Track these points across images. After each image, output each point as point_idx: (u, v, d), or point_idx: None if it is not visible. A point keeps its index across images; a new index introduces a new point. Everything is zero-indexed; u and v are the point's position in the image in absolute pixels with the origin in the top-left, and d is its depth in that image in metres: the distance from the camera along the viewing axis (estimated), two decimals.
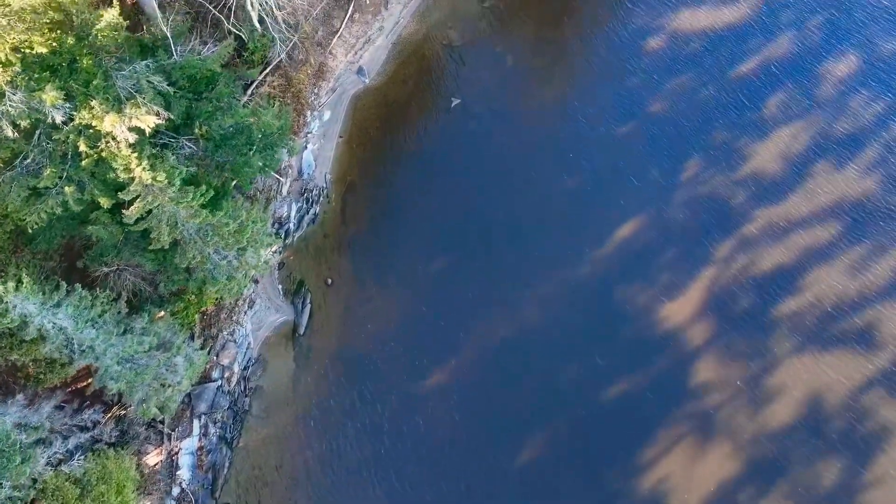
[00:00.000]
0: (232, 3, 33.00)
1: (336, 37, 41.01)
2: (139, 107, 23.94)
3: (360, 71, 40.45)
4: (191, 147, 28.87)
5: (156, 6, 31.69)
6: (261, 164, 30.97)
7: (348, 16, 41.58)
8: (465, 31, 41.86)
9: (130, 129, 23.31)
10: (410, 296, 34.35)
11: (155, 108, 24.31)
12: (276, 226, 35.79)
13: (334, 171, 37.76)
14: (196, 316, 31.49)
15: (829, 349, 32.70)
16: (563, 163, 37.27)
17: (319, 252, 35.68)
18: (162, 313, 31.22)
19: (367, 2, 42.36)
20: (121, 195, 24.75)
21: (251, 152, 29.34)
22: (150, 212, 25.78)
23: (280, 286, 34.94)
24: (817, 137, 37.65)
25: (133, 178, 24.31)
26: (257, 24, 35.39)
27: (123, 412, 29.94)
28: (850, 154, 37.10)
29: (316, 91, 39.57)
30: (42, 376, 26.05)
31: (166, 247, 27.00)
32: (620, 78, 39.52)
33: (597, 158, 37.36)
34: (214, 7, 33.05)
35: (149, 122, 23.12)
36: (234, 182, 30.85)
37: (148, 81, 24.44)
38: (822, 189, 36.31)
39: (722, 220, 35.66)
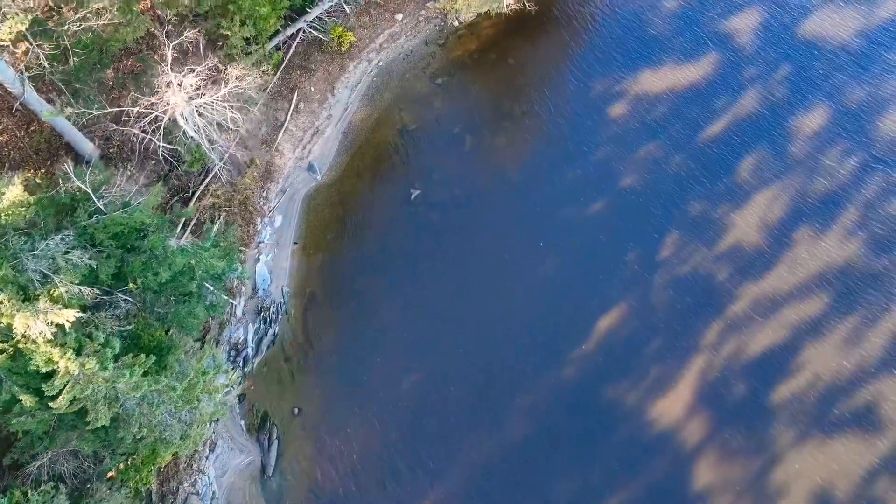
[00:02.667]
0: (161, 124, 30.17)
1: (282, 131, 38.38)
2: (57, 288, 21.22)
3: (310, 167, 37.87)
4: (127, 301, 26.13)
5: (88, 143, 28.87)
6: (207, 307, 28.43)
7: (293, 107, 39.02)
8: (418, 112, 39.60)
9: (48, 324, 20.53)
10: (385, 419, 31.85)
11: (76, 287, 21.59)
12: (233, 353, 33.03)
13: (292, 284, 35.10)
14: (151, 476, 28.58)
15: (832, 436, 31.05)
16: (533, 253, 35.15)
17: (283, 378, 32.98)
18: (112, 472, 28.31)
19: (312, 89, 39.87)
20: (46, 387, 21.92)
21: (194, 302, 26.78)
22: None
23: (242, 422, 32.16)
24: (794, 201, 36.17)
25: (57, 370, 21.55)
26: (193, 135, 32.62)
27: None
28: (830, 217, 35.67)
29: (265, 195, 36.90)
30: None
31: (107, 424, 24.22)
32: (585, 153, 37.61)
33: (568, 245, 35.34)
34: (143, 130, 30.21)
35: (68, 316, 20.36)
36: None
37: (66, 258, 21.68)
38: (805, 258, 34.79)
39: (706, 302, 33.89)
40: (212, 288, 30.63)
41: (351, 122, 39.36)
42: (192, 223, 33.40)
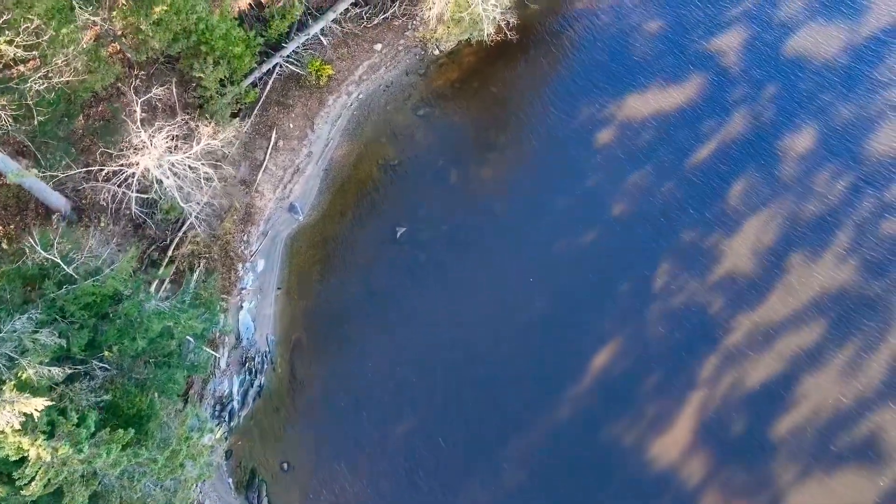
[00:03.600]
0: (133, 181, 28.99)
1: (261, 171, 37.31)
2: (25, 371, 20.11)
3: (292, 208, 36.82)
4: (104, 368, 25.05)
5: (60, 197, 27.67)
6: (188, 367, 27.38)
7: (272, 145, 37.97)
8: (401, 145, 38.67)
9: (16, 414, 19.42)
10: (376, 470, 30.88)
11: (45, 368, 20.49)
12: (218, 408, 31.92)
13: (277, 331, 34.02)
14: None
15: (835, 470, 30.43)
16: (524, 289, 34.31)
17: (270, 431, 31.90)
18: None
19: (291, 125, 38.85)
20: (17, 475, 20.78)
21: (174, 366, 25.73)
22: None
23: (230, 480, 31.06)
24: (786, 225, 35.59)
25: (28, 457, 20.43)
26: (166, 181, 31.40)
27: None
28: (823, 240, 35.10)
29: (245, 238, 35.81)
30: None
31: (85, 503, 23.09)
32: (572, 183, 36.81)
33: (558, 279, 34.51)
34: (113, 189, 29.03)
35: (36, 405, 19.25)
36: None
37: (33, 339, 20.57)
38: (800, 284, 34.16)
39: (702, 334, 33.20)
40: (193, 343, 29.59)
41: (332, 159, 38.36)
42: (171, 273, 32.27)
